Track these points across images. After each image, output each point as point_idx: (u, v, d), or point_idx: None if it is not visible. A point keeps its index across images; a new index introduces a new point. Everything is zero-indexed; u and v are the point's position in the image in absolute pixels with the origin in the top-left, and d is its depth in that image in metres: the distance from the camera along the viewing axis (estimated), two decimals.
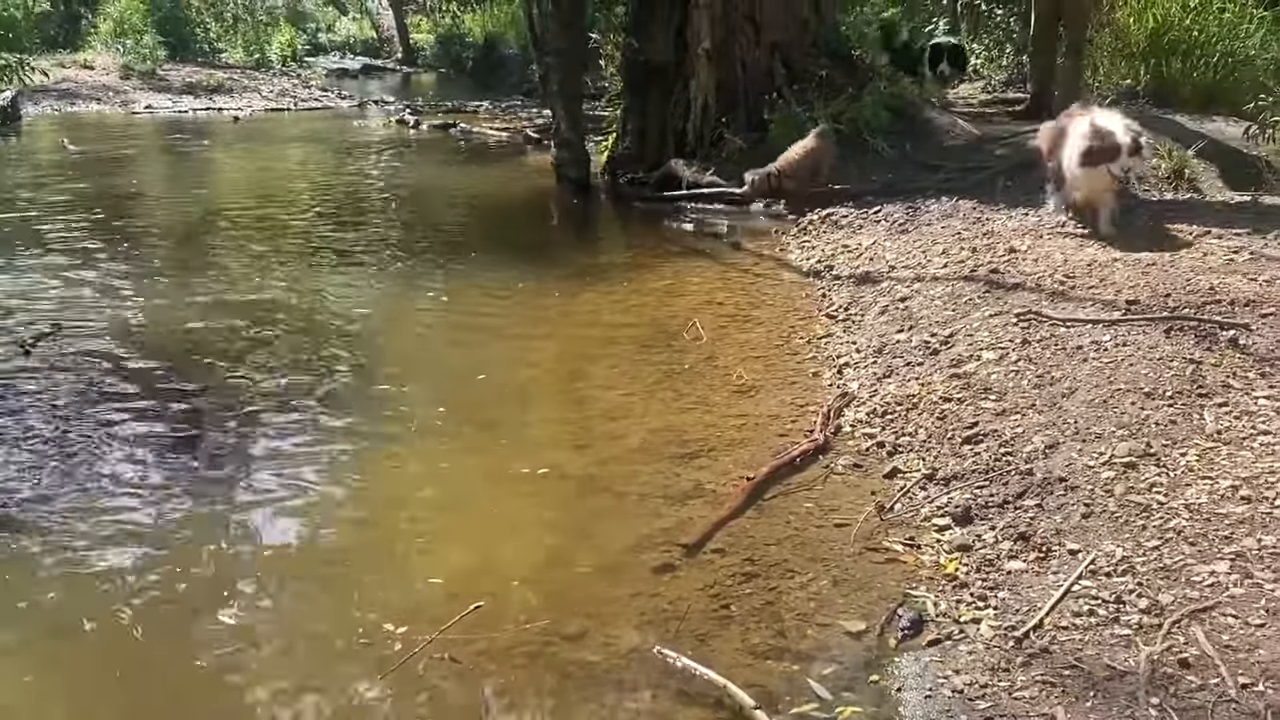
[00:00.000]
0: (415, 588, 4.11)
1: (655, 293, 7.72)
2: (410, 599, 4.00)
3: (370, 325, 7.26)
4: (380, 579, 4.17)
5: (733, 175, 10.44)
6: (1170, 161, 9.34)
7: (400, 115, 18.03)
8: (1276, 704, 3.06)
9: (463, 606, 3.82)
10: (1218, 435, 4.43)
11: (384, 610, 3.90)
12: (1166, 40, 11.22)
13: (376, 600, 3.99)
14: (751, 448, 5.19)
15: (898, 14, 15.30)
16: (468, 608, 3.79)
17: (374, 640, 3.73)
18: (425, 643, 3.64)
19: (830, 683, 3.45)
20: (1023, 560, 3.93)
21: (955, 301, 6.36)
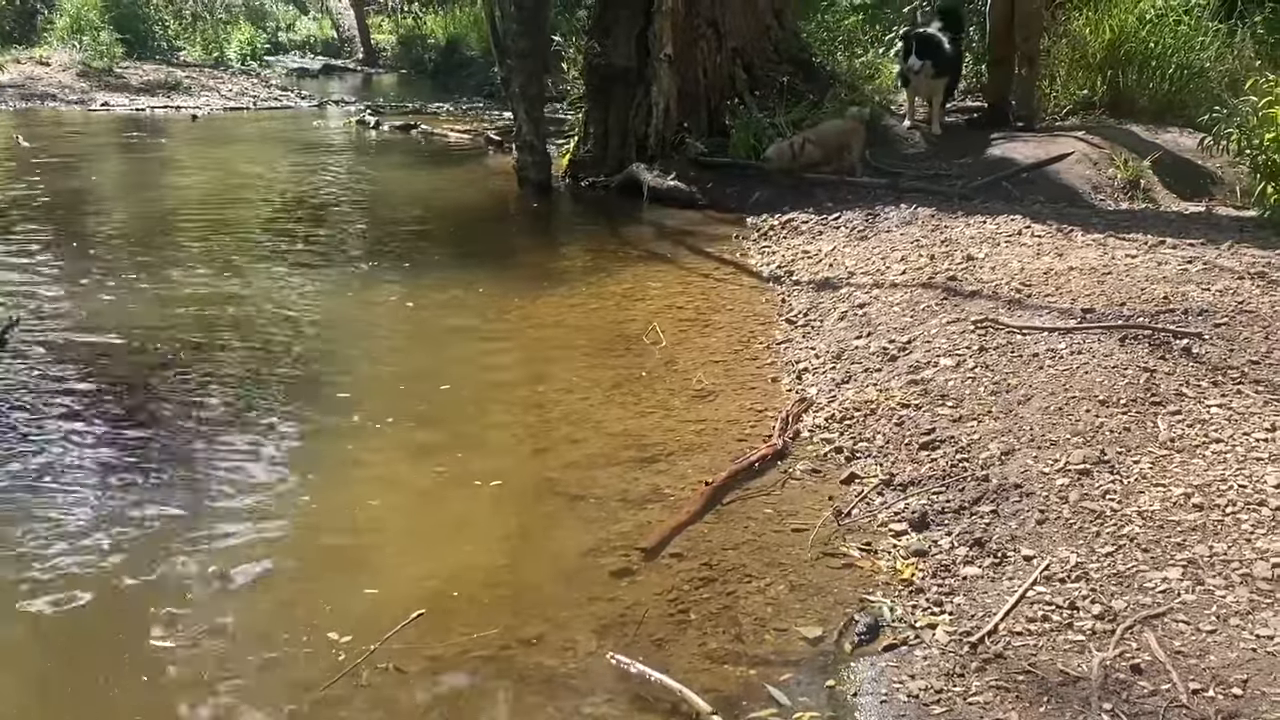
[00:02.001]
0: (364, 595, 4.04)
1: (615, 296, 7.71)
2: (358, 607, 3.94)
3: (327, 327, 7.20)
4: (327, 587, 4.11)
5: (694, 181, 10.48)
6: (1126, 172, 9.48)
7: (360, 116, 17.92)
8: (1226, 709, 3.10)
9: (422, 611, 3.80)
10: (1171, 443, 4.48)
11: (330, 619, 3.84)
12: (1123, 52, 11.33)
13: (322, 609, 3.93)
14: (710, 452, 5.19)
15: (860, 21, 15.41)
16: (410, 616, 3.78)
17: (318, 650, 3.68)
18: (368, 652, 3.61)
19: (787, 688, 3.45)
20: (978, 566, 3.95)
21: (913, 308, 6.40)
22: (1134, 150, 9.90)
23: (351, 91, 23.83)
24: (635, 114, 11.13)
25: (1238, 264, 6.47)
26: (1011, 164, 9.92)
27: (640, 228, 9.97)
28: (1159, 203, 9.30)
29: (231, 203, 11.40)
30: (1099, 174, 9.67)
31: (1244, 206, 8.79)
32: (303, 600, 4.03)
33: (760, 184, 10.23)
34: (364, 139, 16.42)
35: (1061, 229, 7.63)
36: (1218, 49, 11.47)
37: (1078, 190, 9.39)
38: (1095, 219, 8.18)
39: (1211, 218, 8.49)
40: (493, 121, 16.53)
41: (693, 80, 11.21)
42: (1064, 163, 9.72)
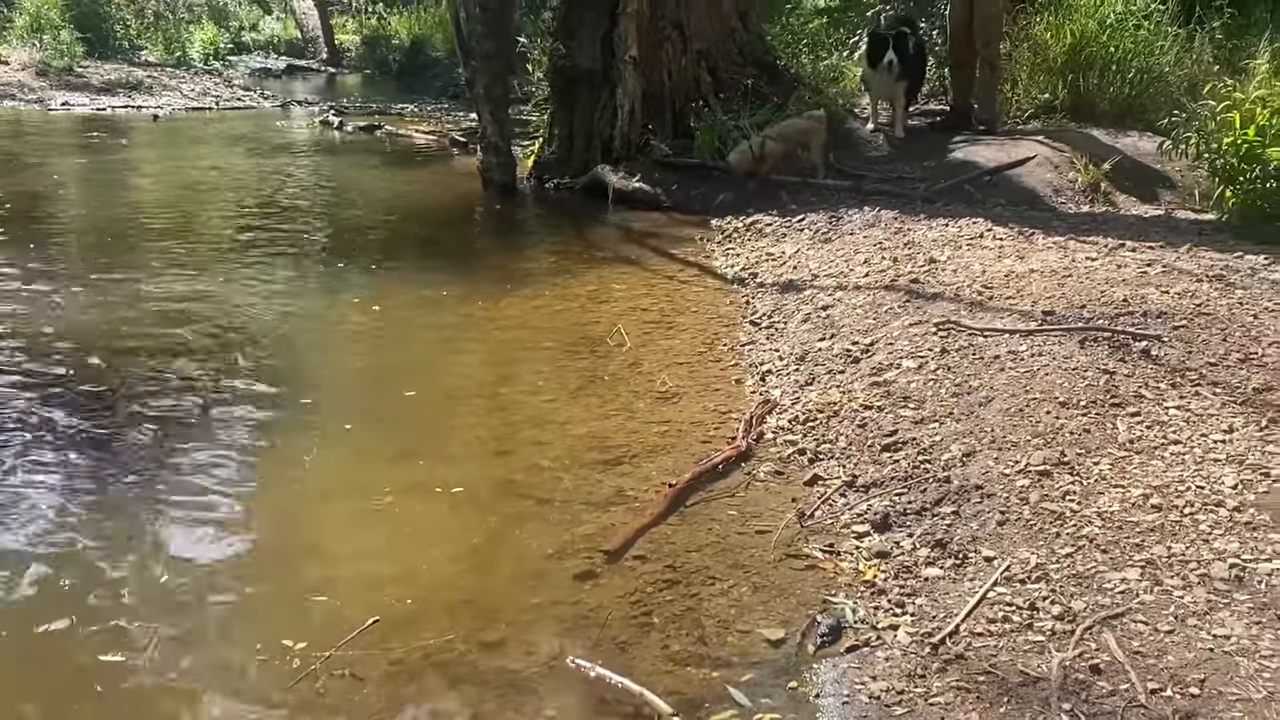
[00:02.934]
0: (322, 602, 4.00)
1: (580, 298, 7.70)
2: (316, 614, 3.91)
3: (289, 330, 7.14)
4: (283, 594, 4.07)
5: (659, 182, 10.49)
6: (1087, 175, 9.56)
7: (324, 116, 17.80)
8: (1184, 709, 3.13)
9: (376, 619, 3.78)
10: (1130, 444, 4.52)
11: (286, 626, 3.80)
12: (1084, 56, 11.41)
13: (278, 616, 3.91)
14: (674, 454, 5.19)
15: (824, 24, 15.48)
16: (366, 622, 3.76)
17: (273, 657, 3.65)
18: (323, 659, 3.59)
19: (749, 689, 3.45)
20: (940, 567, 3.97)
21: (876, 310, 6.43)
22: (1095, 154, 9.98)
23: (315, 92, 23.66)
24: (600, 116, 11.12)
25: (1196, 267, 6.55)
26: (974, 167, 9.99)
27: (605, 229, 9.96)
28: (1119, 206, 9.38)
29: (193, 204, 11.28)
30: (1060, 177, 9.75)
31: (1203, 210, 8.88)
32: (258, 607, 3.99)
33: (725, 186, 10.26)
34: (328, 140, 16.32)
35: (1023, 232, 7.69)
36: (1177, 54, 11.58)
37: (1039, 193, 9.46)
38: (1056, 222, 8.25)
39: (1171, 221, 8.58)
40: (458, 123, 16.48)
41: (658, 82, 11.21)
42: (1026, 166, 9.80)
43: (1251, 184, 7.89)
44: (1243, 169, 7.92)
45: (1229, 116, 8.02)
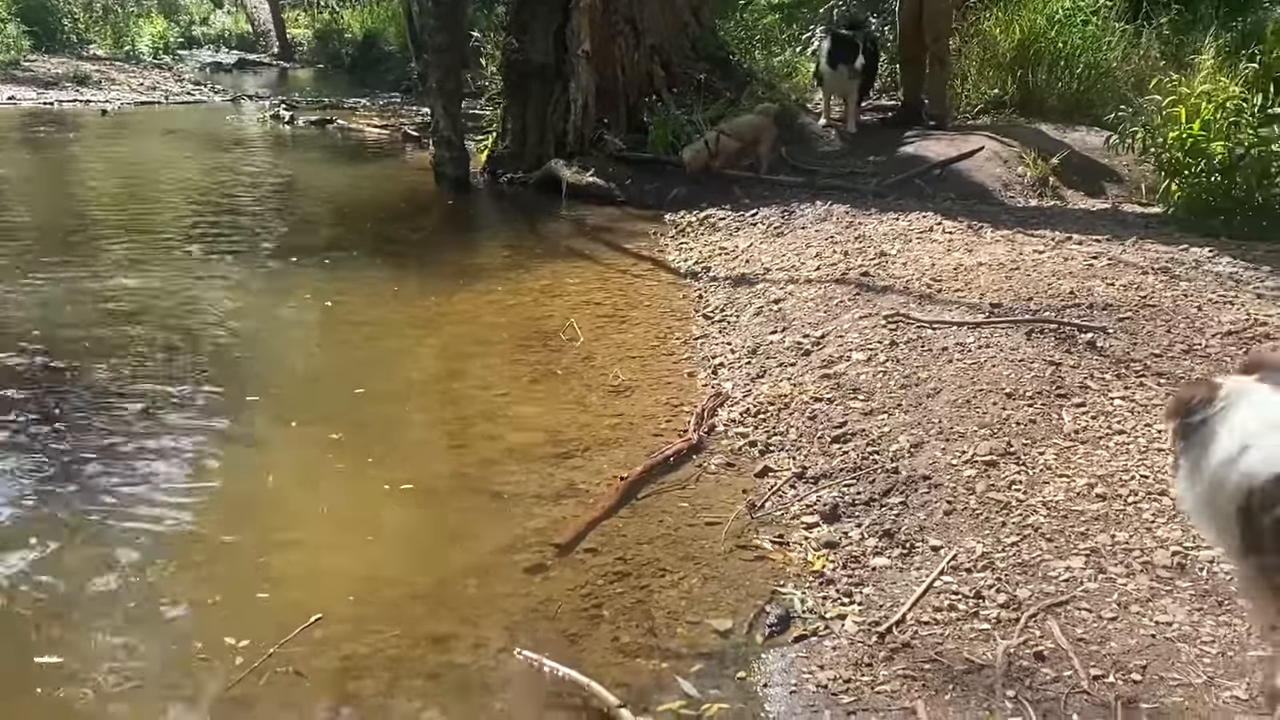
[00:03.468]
0: (267, 599, 3.98)
1: (533, 293, 7.68)
2: (261, 612, 3.88)
3: (239, 326, 7.07)
4: (228, 592, 4.04)
5: (613, 177, 10.48)
6: (1035, 170, 9.65)
7: (275, 111, 17.64)
8: (1126, 694, 3.17)
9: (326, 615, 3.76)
10: (1075, 435, 4.57)
11: (229, 624, 3.77)
12: (1032, 51, 11.52)
13: (222, 614, 3.87)
14: (626, 447, 5.20)
15: (778, 20, 15.52)
16: (310, 619, 3.75)
17: (215, 655, 3.62)
18: (265, 656, 3.56)
19: (698, 680, 3.47)
20: (887, 557, 4.00)
21: (827, 303, 6.46)
22: (1043, 148, 10.08)
23: (267, 86, 23.41)
24: (554, 110, 11.10)
25: (1142, 259, 6.63)
26: (924, 162, 10.07)
27: (559, 224, 9.95)
28: (1067, 200, 9.48)
29: (142, 199, 11.14)
30: (1009, 172, 9.84)
31: (1149, 203, 9.00)
32: (201, 606, 3.95)
33: (679, 181, 10.26)
34: (279, 134, 16.17)
35: (972, 226, 7.76)
36: (1124, 49, 11.71)
37: (988, 188, 9.55)
38: (1005, 216, 8.32)
39: (1117, 214, 8.68)
40: (410, 117, 16.38)
41: (611, 77, 11.21)
42: (975, 161, 9.88)
43: (1196, 177, 8.00)
44: (1188, 163, 8.03)
45: (1174, 111, 8.13)
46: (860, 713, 3.18)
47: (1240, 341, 5.29)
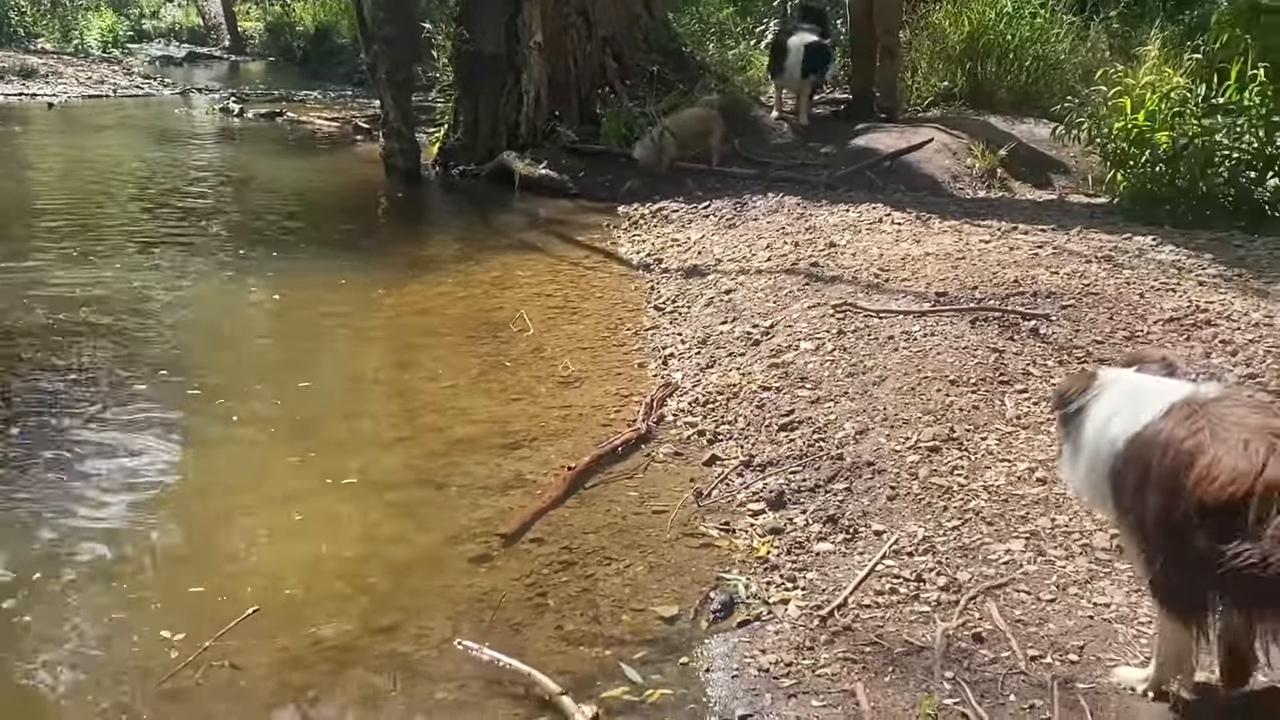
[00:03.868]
0: (205, 593, 3.93)
1: (483, 285, 7.66)
2: (198, 606, 3.83)
3: (184, 319, 7.01)
4: (165, 586, 4.01)
5: (566, 169, 10.46)
6: (984, 161, 9.73)
7: (225, 104, 17.47)
8: (1063, 674, 3.21)
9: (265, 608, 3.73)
10: (1017, 420, 4.62)
11: (165, 618, 3.73)
12: (982, 44, 11.60)
13: (157, 608, 3.84)
14: (575, 438, 5.19)
15: (732, 13, 15.55)
16: (246, 612, 3.72)
17: (149, 650, 3.58)
18: (200, 649, 3.53)
19: (642, 666, 3.47)
20: (831, 542, 4.03)
21: (777, 294, 6.49)
22: (992, 140, 10.17)
23: (217, 79, 23.18)
24: (506, 102, 11.06)
25: (1086, 248, 6.71)
26: (875, 154, 10.12)
27: (511, 216, 9.92)
28: (1014, 191, 9.57)
29: (89, 193, 10.99)
30: (958, 163, 9.92)
31: (1095, 194, 9.10)
32: (137, 600, 3.92)
33: (632, 173, 10.25)
34: (228, 127, 16.02)
35: (920, 216, 7.81)
36: (1072, 42, 11.83)
37: (937, 179, 9.62)
38: (953, 207, 8.40)
39: (1063, 204, 8.78)
40: (362, 109, 16.26)
41: (563, 69, 11.18)
42: (925, 153, 9.95)
43: (1141, 168, 8.11)
44: (1133, 153, 8.14)
45: (1120, 102, 8.22)
46: (801, 695, 3.20)
47: (1181, 328, 5.37)
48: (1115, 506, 3.01)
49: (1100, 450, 2.98)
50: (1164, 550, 2.83)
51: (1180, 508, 2.74)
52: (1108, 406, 3.00)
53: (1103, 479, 3.00)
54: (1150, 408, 2.90)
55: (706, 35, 14.52)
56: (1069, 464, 3.15)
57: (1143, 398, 2.96)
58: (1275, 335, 5.25)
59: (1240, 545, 2.61)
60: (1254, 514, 2.59)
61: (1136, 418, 2.91)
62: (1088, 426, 3.03)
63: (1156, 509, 2.81)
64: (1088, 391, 3.07)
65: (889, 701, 3.14)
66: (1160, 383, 3.04)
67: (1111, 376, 3.11)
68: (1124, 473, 2.92)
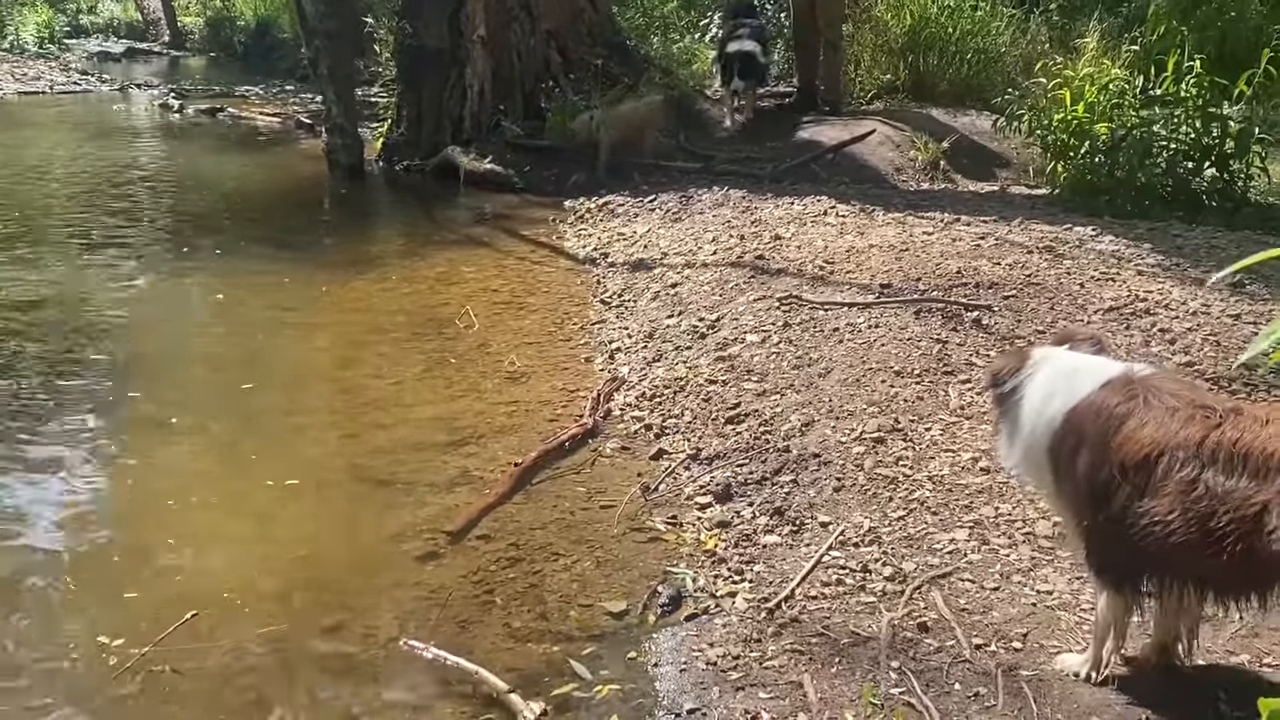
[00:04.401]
0: (145, 598, 3.87)
1: (428, 280, 7.60)
2: (138, 611, 3.78)
3: (124, 320, 6.89)
4: (103, 591, 3.94)
5: (512, 164, 10.40)
6: (926, 153, 9.80)
7: (164, 100, 17.20)
8: (1007, 662, 3.24)
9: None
10: (961, 410, 4.66)
11: (103, 624, 3.68)
12: (924, 37, 11.69)
13: (95, 614, 3.78)
14: (522, 433, 5.17)
15: (676, 7, 15.53)
16: (186, 616, 3.65)
17: (87, 656, 3.53)
18: (138, 656, 3.47)
19: (590, 662, 3.47)
20: (778, 534, 4.04)
21: (723, 287, 6.50)
22: (934, 133, 10.24)
23: (157, 75, 22.78)
24: (449, 96, 10.97)
25: (1027, 239, 6.77)
26: (819, 146, 10.15)
27: (456, 211, 9.85)
28: (957, 183, 9.64)
29: (25, 190, 10.77)
30: (901, 156, 9.98)
31: (1036, 185, 9.20)
32: (74, 606, 3.86)
33: (578, 167, 10.20)
34: (168, 123, 15.75)
35: (864, 209, 7.84)
36: (1013, 34, 11.94)
37: (881, 172, 9.67)
38: (896, 199, 8.44)
39: (1005, 196, 8.86)
40: (304, 105, 16.07)
41: (507, 63, 11.11)
42: (869, 145, 10.00)
43: (1081, 159, 8.20)
44: (1072, 144, 8.23)
45: (1060, 94, 8.31)
46: (748, 688, 3.21)
47: (1121, 317, 5.45)
48: (1053, 480, 3.06)
49: (1038, 428, 3.03)
50: (1092, 514, 2.92)
51: (1105, 469, 2.84)
52: (1045, 386, 3.05)
53: (1041, 454, 3.05)
54: (1087, 383, 2.98)
55: (651, 29, 14.49)
56: (1007, 442, 3.19)
57: (1079, 374, 3.02)
58: (1212, 323, 5.34)
59: (1149, 503, 2.73)
60: (1160, 472, 2.72)
61: (1073, 393, 2.98)
62: (1025, 405, 3.07)
63: (1086, 469, 2.90)
64: (1021, 370, 3.11)
65: (836, 692, 3.15)
66: (1096, 360, 3.11)
67: (1044, 355, 3.16)
68: (1061, 446, 2.98)
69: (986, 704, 3.06)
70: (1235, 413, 2.76)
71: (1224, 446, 2.68)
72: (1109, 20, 11.61)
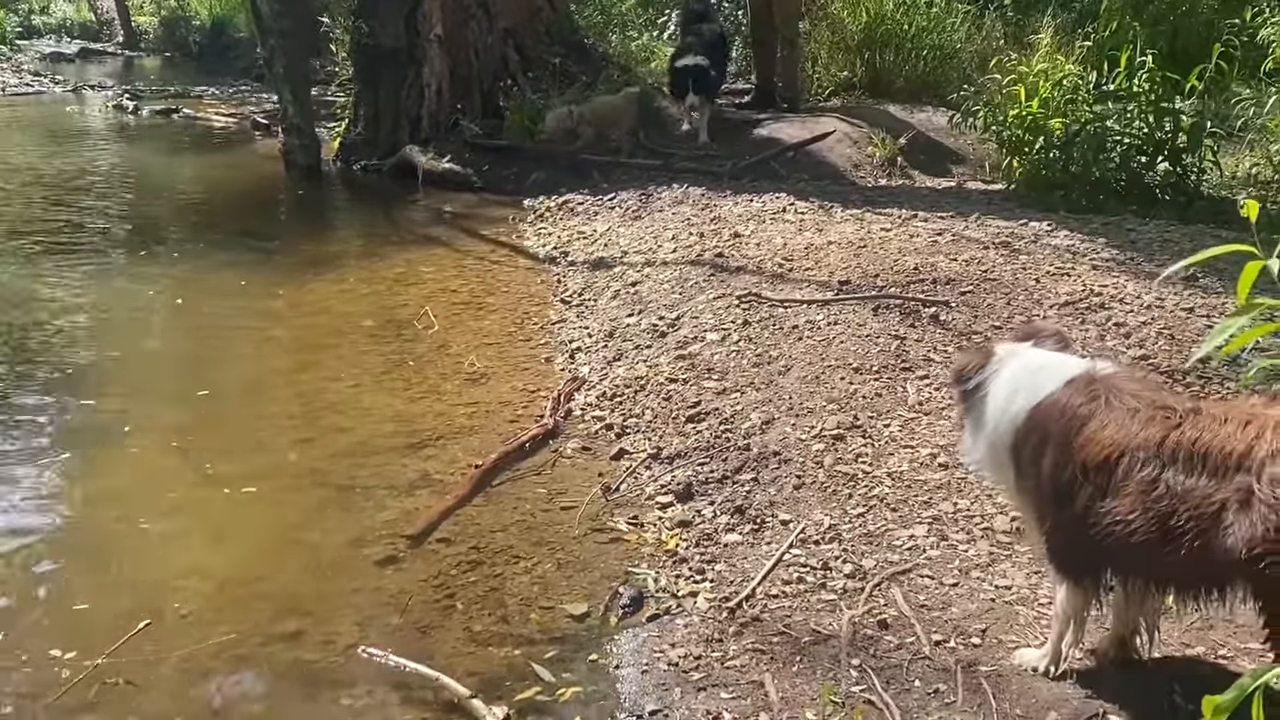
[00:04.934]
0: (102, 607, 3.82)
1: (387, 281, 7.55)
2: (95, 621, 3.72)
3: (79, 324, 6.79)
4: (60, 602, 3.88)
5: (471, 163, 10.36)
6: (884, 150, 9.85)
7: (119, 101, 17.00)
8: (966, 658, 3.26)
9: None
10: (919, 406, 4.68)
11: (55, 636, 3.62)
12: (880, 34, 11.77)
13: (46, 626, 3.73)
14: (482, 435, 5.15)
15: (634, 5, 15.52)
16: (138, 626, 3.62)
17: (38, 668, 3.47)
18: (92, 667, 3.43)
19: (552, 665, 3.46)
20: (739, 533, 4.04)
21: (683, 285, 6.49)
22: (892, 129, 10.30)
23: (111, 76, 22.50)
24: (407, 95, 10.92)
25: (984, 235, 6.82)
26: (778, 144, 10.17)
27: (414, 211, 9.79)
28: (914, 179, 9.70)
29: None
30: (859, 153, 10.02)
31: (992, 180, 9.26)
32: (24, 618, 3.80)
33: (537, 166, 10.19)
34: (122, 124, 15.57)
35: (823, 206, 7.87)
36: (968, 31, 12.03)
37: (839, 169, 9.71)
38: (855, 195, 8.47)
39: (962, 192, 8.92)
40: (260, 105, 15.93)
41: (465, 61, 11.06)
42: (827, 142, 10.03)
43: (1036, 154, 8.26)
44: (1028, 139, 8.29)
45: (1015, 90, 8.37)
46: (710, 688, 3.21)
47: (1077, 311, 5.49)
48: (1015, 476, 3.10)
49: (1002, 425, 3.06)
50: (1055, 512, 2.96)
51: (1069, 468, 2.87)
52: (1009, 383, 3.08)
53: (1004, 452, 3.08)
54: (1051, 380, 3.00)
55: (609, 27, 14.47)
56: (970, 438, 3.22)
57: (1043, 371, 3.05)
58: (1167, 317, 5.39)
59: (1110, 502, 2.77)
60: (1121, 472, 2.76)
61: (1036, 390, 3.01)
62: (989, 403, 3.10)
63: (1049, 469, 2.93)
64: (986, 367, 3.14)
65: (797, 691, 3.16)
66: (1059, 358, 3.13)
67: (1008, 351, 3.18)
68: (1024, 444, 3.01)
69: (946, 700, 3.08)
70: (1194, 412, 2.79)
71: (1183, 446, 2.71)
72: (1062, 16, 11.72)
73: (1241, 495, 2.58)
